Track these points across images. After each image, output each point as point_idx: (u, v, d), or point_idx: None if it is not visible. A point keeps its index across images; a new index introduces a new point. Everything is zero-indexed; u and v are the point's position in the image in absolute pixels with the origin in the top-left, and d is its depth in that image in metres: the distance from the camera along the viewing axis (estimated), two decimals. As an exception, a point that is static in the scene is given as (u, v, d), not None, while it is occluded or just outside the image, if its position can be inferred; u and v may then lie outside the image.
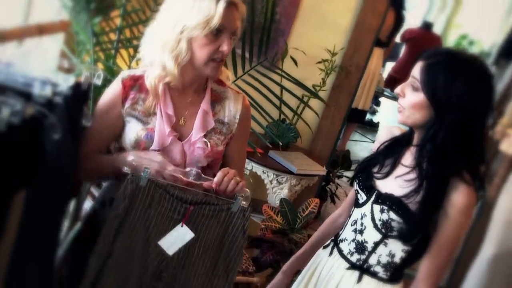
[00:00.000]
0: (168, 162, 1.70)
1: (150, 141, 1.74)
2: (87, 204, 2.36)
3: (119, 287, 1.68)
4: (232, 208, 1.71)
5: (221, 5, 1.64)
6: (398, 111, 1.72)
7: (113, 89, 1.79)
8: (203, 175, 1.71)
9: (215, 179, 1.68)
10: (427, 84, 1.61)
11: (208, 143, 1.80)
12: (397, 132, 1.87)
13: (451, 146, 1.61)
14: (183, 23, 1.67)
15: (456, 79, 1.59)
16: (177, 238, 1.69)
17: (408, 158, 1.74)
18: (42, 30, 1.46)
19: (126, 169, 1.61)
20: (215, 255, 1.74)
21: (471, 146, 1.65)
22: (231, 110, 1.89)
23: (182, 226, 1.69)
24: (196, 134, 1.79)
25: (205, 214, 1.70)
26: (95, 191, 2.43)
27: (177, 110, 1.79)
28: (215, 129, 1.84)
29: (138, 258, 1.68)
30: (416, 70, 1.65)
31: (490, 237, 3.43)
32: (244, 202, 1.71)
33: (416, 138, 1.73)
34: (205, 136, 1.80)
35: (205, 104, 1.82)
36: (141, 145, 1.75)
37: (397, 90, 1.71)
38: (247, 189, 1.73)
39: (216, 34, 1.68)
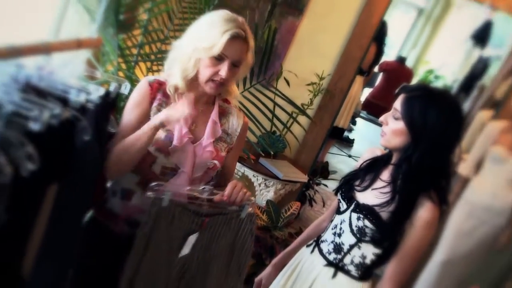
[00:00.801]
0: (183, 185, 1.72)
1: (168, 142, 1.74)
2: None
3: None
4: (241, 215, 1.72)
5: (225, 37, 1.65)
6: (381, 135, 1.75)
7: (141, 89, 1.79)
8: (214, 190, 1.71)
9: (226, 192, 1.68)
10: (406, 114, 1.64)
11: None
12: (378, 152, 1.90)
13: (423, 168, 1.64)
14: (195, 43, 1.69)
15: (431, 111, 1.62)
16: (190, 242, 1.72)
17: (385, 174, 1.77)
18: (80, 44, 1.45)
19: (149, 194, 1.62)
20: (228, 257, 1.75)
21: (440, 169, 1.67)
22: (234, 124, 1.91)
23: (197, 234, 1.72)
24: (207, 139, 1.80)
25: (218, 222, 1.72)
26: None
27: (191, 117, 1.79)
28: (221, 138, 1.86)
29: (164, 265, 1.70)
30: (398, 102, 1.68)
31: (442, 245, 3.46)
32: (250, 209, 1.73)
33: (394, 158, 1.76)
34: (213, 142, 1.82)
35: (214, 115, 1.84)
36: (158, 144, 1.74)
37: (381, 118, 1.75)
38: (252, 198, 1.75)
39: (218, 59, 1.69)
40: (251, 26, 3.19)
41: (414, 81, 7.83)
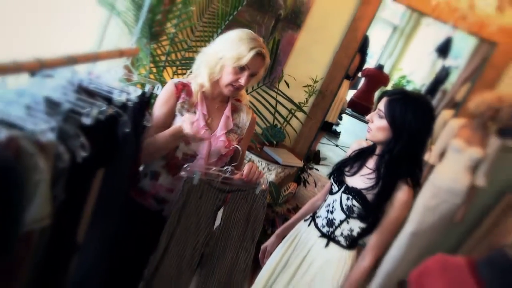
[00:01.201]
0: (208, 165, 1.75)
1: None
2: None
3: (179, 254, 1.71)
4: (256, 191, 1.74)
5: (252, 53, 1.67)
6: (367, 131, 1.74)
7: (168, 89, 1.79)
8: (235, 170, 1.73)
9: (244, 172, 1.70)
10: (388, 114, 1.64)
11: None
12: (364, 144, 1.89)
13: (402, 158, 1.64)
14: (224, 53, 1.70)
15: (409, 112, 1.61)
16: (218, 216, 1.74)
17: (371, 163, 1.76)
18: (122, 53, 1.45)
19: (182, 173, 1.65)
20: (244, 225, 1.77)
21: (414, 159, 1.67)
22: (244, 119, 1.90)
23: (222, 208, 1.73)
24: (220, 131, 1.81)
25: (237, 197, 1.74)
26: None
27: (208, 112, 1.81)
28: (233, 130, 1.85)
29: (192, 234, 1.71)
30: (381, 104, 1.67)
31: (411, 219, 3.47)
32: (263, 186, 1.74)
33: (378, 150, 1.75)
34: (225, 133, 1.82)
35: (228, 112, 1.84)
36: None
37: (368, 117, 1.74)
38: (265, 177, 1.77)
39: (240, 69, 1.70)
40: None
41: (390, 84, 7.80)
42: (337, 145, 6.79)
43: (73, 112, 1.11)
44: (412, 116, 1.61)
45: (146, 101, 1.45)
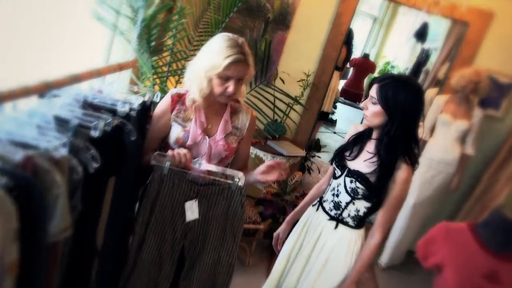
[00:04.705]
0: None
1: (186, 138, 1.67)
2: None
3: (158, 245, 1.63)
4: (232, 187, 1.64)
5: (227, 61, 1.54)
6: (364, 118, 1.68)
7: (165, 102, 1.71)
8: (208, 164, 1.64)
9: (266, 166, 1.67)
10: (381, 99, 1.58)
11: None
12: (360, 128, 1.82)
13: (399, 138, 1.58)
14: (205, 67, 1.59)
15: (400, 93, 1.56)
16: (192, 208, 1.63)
17: (370, 147, 1.70)
18: (121, 67, 1.40)
19: (152, 161, 1.53)
20: (223, 222, 1.67)
21: (411, 137, 1.61)
22: (243, 120, 1.80)
23: (195, 200, 1.63)
24: (219, 135, 1.72)
25: (212, 192, 1.64)
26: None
27: (207, 118, 1.72)
28: (232, 132, 1.76)
29: (168, 225, 1.62)
30: (373, 91, 1.61)
31: (411, 192, 3.41)
32: (240, 183, 1.62)
33: (375, 134, 1.69)
34: (225, 137, 1.73)
35: (226, 115, 1.75)
36: (179, 141, 1.67)
37: (362, 104, 1.68)
38: (240, 172, 1.64)
39: (225, 79, 1.59)
40: (251, 42, 3.14)
41: (377, 71, 7.73)
42: (334, 132, 6.73)
43: (82, 127, 1.11)
44: (404, 97, 1.55)
45: (146, 108, 1.41)
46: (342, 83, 7.48)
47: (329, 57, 3.60)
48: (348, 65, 6.80)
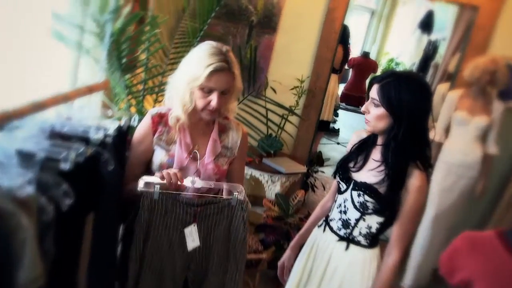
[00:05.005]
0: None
1: (171, 163, 1.68)
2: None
3: (157, 279, 1.62)
4: (232, 202, 1.64)
5: (208, 70, 1.56)
6: (366, 123, 1.69)
7: (145, 124, 1.72)
8: (202, 181, 1.64)
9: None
10: (384, 100, 1.59)
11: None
12: (364, 134, 1.84)
13: (408, 141, 1.59)
14: (186, 79, 1.61)
15: (404, 91, 1.57)
16: (192, 234, 1.63)
17: (376, 154, 1.72)
18: (91, 89, 1.42)
19: (139, 187, 1.53)
20: (225, 244, 1.68)
21: (421, 139, 1.63)
22: (234, 137, 1.82)
23: (194, 225, 1.63)
24: (208, 157, 1.73)
25: (211, 211, 1.64)
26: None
27: (193, 139, 1.73)
28: (221, 153, 1.77)
29: (166, 257, 1.62)
30: (373, 92, 1.63)
31: (430, 202, 3.42)
32: (240, 197, 1.64)
33: (380, 140, 1.71)
34: (214, 159, 1.74)
35: (214, 134, 1.76)
36: (163, 167, 1.68)
37: (363, 109, 1.69)
38: (240, 185, 1.66)
39: (208, 91, 1.61)
40: (235, 49, 3.19)
41: (380, 70, 7.82)
42: (338, 143, 6.76)
43: (50, 160, 1.10)
44: (408, 95, 1.57)
45: (123, 133, 1.43)
46: (341, 87, 7.56)
47: (324, 59, 3.65)
48: (346, 66, 6.88)
